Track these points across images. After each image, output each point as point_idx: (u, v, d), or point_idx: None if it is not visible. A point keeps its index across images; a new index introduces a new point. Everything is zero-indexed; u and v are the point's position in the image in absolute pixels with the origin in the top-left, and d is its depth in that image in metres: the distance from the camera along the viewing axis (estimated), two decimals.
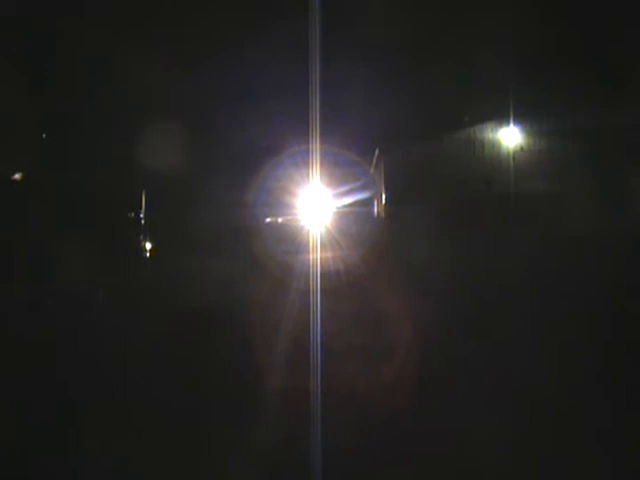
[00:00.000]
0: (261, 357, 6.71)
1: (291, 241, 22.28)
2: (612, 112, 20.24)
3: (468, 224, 19.78)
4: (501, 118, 23.46)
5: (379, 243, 20.66)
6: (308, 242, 22.59)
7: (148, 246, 19.61)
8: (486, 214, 20.41)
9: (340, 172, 28.65)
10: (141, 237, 19.27)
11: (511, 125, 23.59)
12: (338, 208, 26.68)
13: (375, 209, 29.47)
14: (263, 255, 18.46)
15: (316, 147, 18.01)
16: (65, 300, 10.25)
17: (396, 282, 12.40)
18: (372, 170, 30.11)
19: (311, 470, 4.48)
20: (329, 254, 20.09)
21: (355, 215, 25.90)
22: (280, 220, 25.51)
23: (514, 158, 23.50)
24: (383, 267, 16.10)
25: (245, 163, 28.85)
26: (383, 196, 25.57)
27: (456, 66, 22.73)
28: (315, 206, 27.44)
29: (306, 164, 20.22)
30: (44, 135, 17.35)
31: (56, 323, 8.57)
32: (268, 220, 25.34)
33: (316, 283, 10.02)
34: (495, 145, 23.95)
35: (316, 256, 18.31)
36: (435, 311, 8.77)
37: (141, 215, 19.46)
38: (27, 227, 13.59)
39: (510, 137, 23.73)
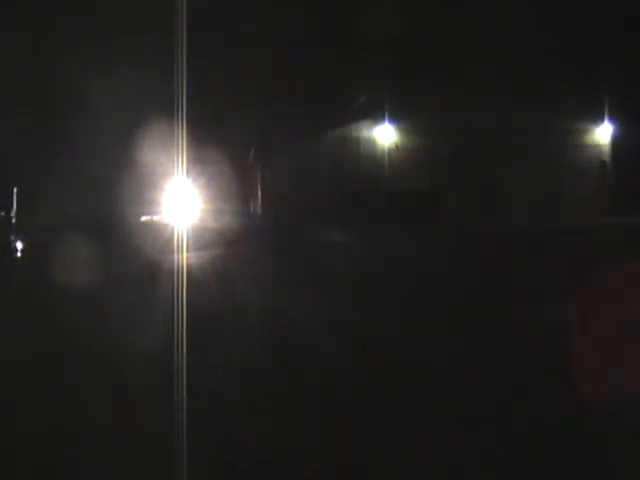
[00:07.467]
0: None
1: (164, 239, 21.82)
2: (480, 113, 21.48)
3: (342, 220, 20.31)
4: (376, 117, 24.25)
5: (254, 239, 20.72)
6: (181, 240, 22.14)
7: (20, 246, 18.67)
8: (360, 210, 21.03)
9: (212, 171, 28.49)
10: (12, 237, 18.34)
11: (386, 124, 24.41)
12: (210, 206, 26.50)
13: (251, 207, 29.56)
14: (135, 253, 18.05)
15: (184, 147, 17.67)
16: None
17: (267, 277, 12.59)
18: (248, 169, 30.19)
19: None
20: (202, 252, 19.94)
21: (228, 213, 25.83)
22: (155, 218, 25.04)
23: (389, 155, 24.39)
24: (252, 263, 16.21)
25: (112, 161, 28.07)
26: (259, 194, 25.75)
27: (331, 66, 23.23)
28: (186, 205, 27.08)
29: (175, 163, 19.86)
30: None
31: None
32: (143, 219, 24.82)
33: (184, 282, 9.77)
34: (370, 143, 24.72)
35: (188, 255, 18.05)
36: (310, 303, 9.08)
37: (12, 215, 18.55)
38: None
39: (385, 135, 24.58)
